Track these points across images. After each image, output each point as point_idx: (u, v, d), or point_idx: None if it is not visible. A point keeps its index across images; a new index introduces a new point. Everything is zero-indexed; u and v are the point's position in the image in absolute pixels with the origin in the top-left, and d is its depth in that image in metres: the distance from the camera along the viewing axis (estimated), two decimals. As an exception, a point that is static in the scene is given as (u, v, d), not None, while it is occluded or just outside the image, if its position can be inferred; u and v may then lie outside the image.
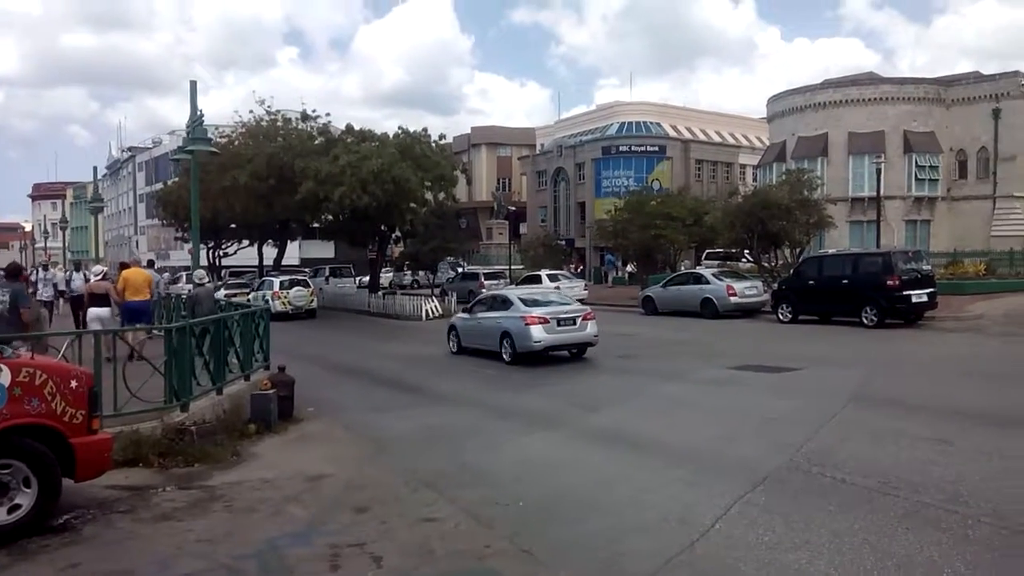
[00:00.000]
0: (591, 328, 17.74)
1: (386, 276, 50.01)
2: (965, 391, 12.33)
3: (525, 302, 18.12)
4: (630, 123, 66.61)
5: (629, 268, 47.36)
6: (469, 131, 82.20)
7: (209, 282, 17.48)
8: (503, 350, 17.81)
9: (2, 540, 6.35)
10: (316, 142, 35.56)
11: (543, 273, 35.77)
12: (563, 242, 57.77)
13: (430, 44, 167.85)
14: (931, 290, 21.98)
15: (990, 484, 7.13)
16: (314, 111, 37.87)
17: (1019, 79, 46.87)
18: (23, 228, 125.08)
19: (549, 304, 18.23)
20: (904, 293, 21.13)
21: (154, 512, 7.42)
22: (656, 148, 62.29)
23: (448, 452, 9.74)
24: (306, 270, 46.50)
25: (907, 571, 5.36)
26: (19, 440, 6.53)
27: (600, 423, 11.07)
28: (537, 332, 17.02)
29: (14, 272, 11.66)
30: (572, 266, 53.21)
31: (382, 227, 37.80)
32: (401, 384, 15.67)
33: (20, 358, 6.88)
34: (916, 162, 47.08)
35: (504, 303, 18.62)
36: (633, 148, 62.00)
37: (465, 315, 20.25)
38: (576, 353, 18.14)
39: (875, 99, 47.78)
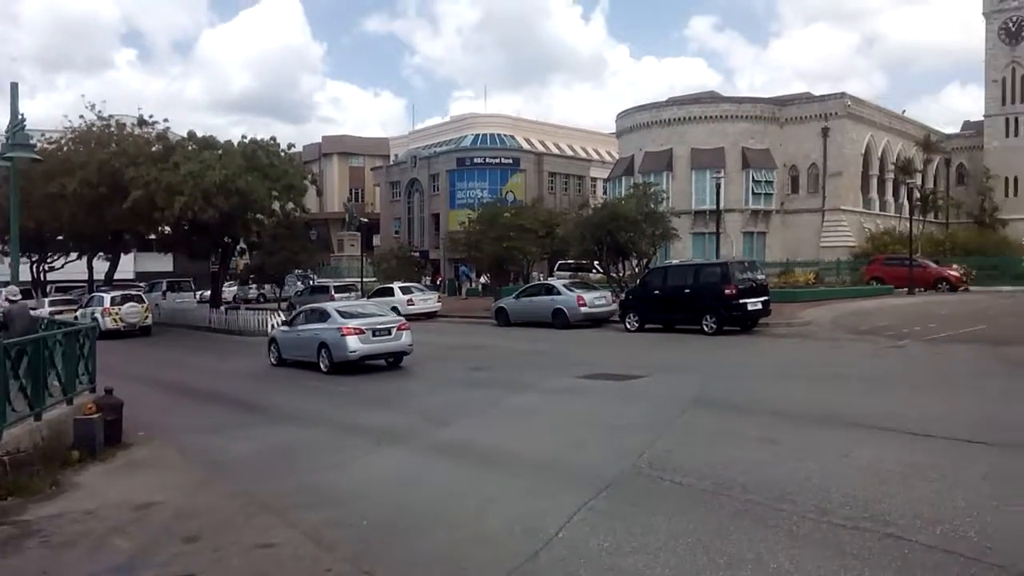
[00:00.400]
0: (406, 338, 18.57)
1: (230, 290, 48.13)
2: (794, 393, 13.08)
3: (342, 314, 18.76)
4: (485, 135, 67.29)
5: (483, 279, 47.65)
6: (320, 140, 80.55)
7: (24, 299, 16.20)
8: (321, 360, 18.38)
9: None
10: (154, 149, 33.76)
11: (396, 285, 35.43)
12: (417, 254, 57.50)
13: (280, 50, 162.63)
14: (765, 298, 23.23)
15: (814, 481, 7.52)
16: (151, 117, 36.04)
17: (845, 100, 50.68)
18: None
19: (366, 316, 18.94)
20: (740, 301, 22.22)
21: (-43, 553, 6.75)
22: (510, 160, 63.17)
23: (290, 473, 9.37)
24: (141, 284, 44.04)
25: (736, 569, 5.55)
26: None
27: (450, 436, 10.96)
28: (353, 342, 17.69)
29: None
30: (430, 278, 53.03)
31: (225, 239, 36.30)
32: (242, 403, 15.03)
33: None
34: (753, 177, 49.89)
35: (322, 315, 19.18)
36: (487, 160, 62.63)
37: (285, 328, 20.81)
38: (393, 362, 18.84)
39: (716, 117, 50.35)
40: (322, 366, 18.28)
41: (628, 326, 24.73)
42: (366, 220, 58.65)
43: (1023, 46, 60.53)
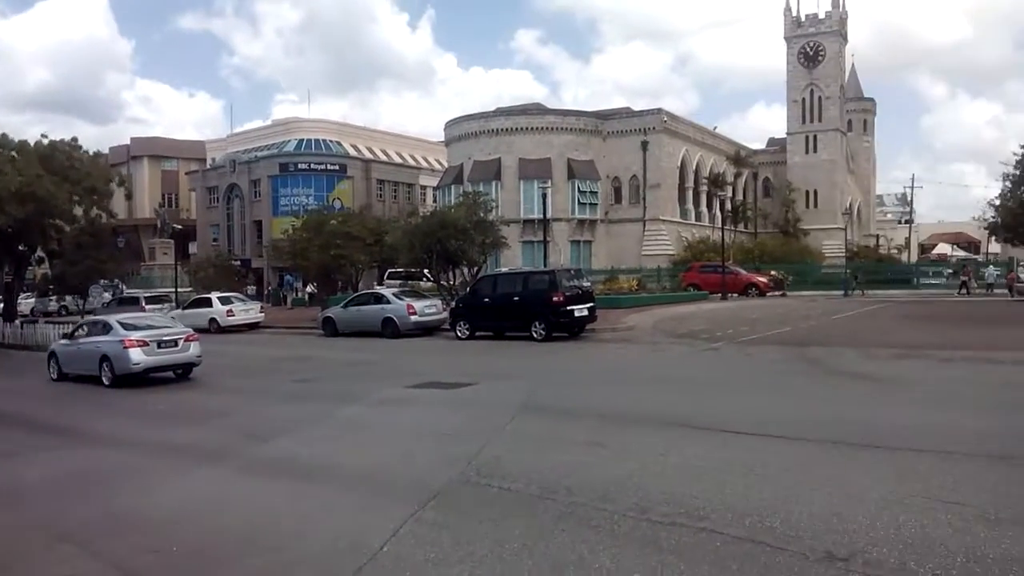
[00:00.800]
0: (194, 349, 18.51)
1: (27, 302, 44.30)
2: (618, 396, 13.50)
3: (125, 326, 18.52)
4: (309, 140, 65.60)
5: (309, 289, 46.43)
6: (129, 142, 75.77)
7: None
8: (103, 374, 17.97)
9: None
10: (-68, 148, 30.48)
11: (214, 296, 33.85)
12: (238, 262, 55.21)
13: (81, 44, 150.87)
14: (591, 305, 23.97)
15: (634, 480, 7.73)
16: None
17: (662, 116, 53.42)
18: None
19: (150, 328, 18.77)
20: (568, 308, 22.80)
21: None
22: (336, 167, 62.01)
23: (93, 499, 8.61)
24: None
25: (560, 571, 5.57)
26: None
27: (271, 453, 10.44)
28: (136, 355, 17.48)
29: None
30: (253, 287, 50.99)
31: (20, 246, 33.30)
32: (36, 423, 13.78)
33: None
34: (578, 187, 51.59)
35: (105, 328, 18.88)
36: (312, 166, 61.15)
37: (65, 341, 20.33)
38: (181, 374, 18.70)
39: (542, 128, 51.66)
40: (104, 379, 17.88)
41: (459, 334, 24.77)
42: (180, 227, 55.69)
43: (819, 69, 66.23)
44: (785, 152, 68.05)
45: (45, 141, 32.17)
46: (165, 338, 18.17)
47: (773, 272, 42.53)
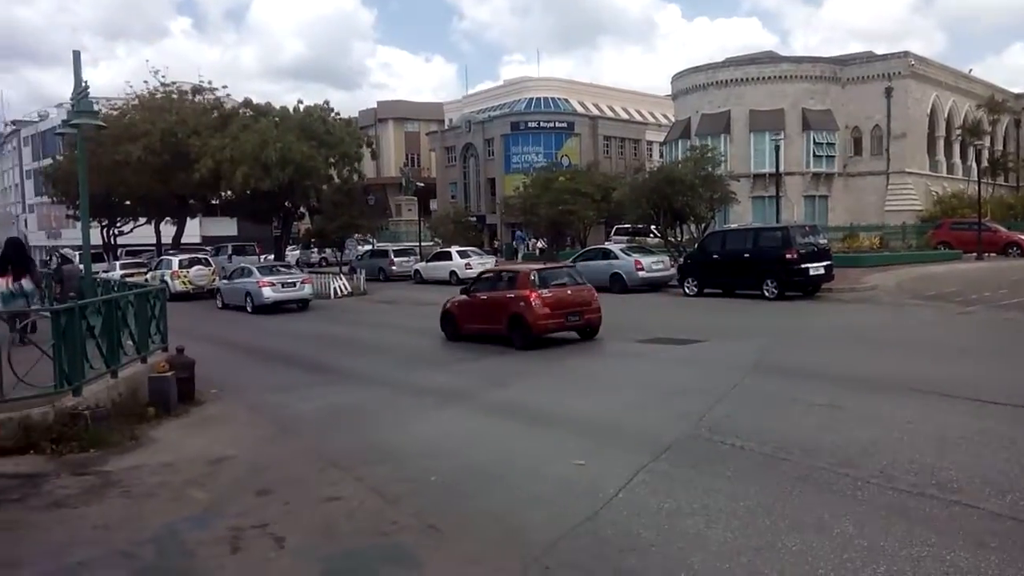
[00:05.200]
0: (308, 289, 26.08)
1: (292, 254, 48.96)
2: (858, 359, 12.85)
3: (261, 270, 26.17)
4: (538, 99, 66.60)
5: (539, 244, 47.59)
6: (375, 106, 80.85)
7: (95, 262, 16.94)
8: (247, 304, 25.31)
9: None
10: (212, 116, 34.51)
11: (454, 250, 35.72)
12: (474, 218, 57.62)
13: (330, 16, 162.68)
14: (828, 263, 22.75)
15: (878, 447, 7.44)
16: (210, 82, 36.92)
17: (909, 59, 48.82)
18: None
19: (279, 273, 26.49)
20: (802, 266, 21.82)
21: (46, 500, 7.13)
22: (564, 124, 62.53)
23: (355, 430, 9.63)
24: (207, 248, 45.09)
25: (798, 532, 5.53)
26: None
27: (509, 398, 11.09)
28: (268, 292, 24.74)
29: None
30: (488, 244, 53.11)
31: (286, 203, 36.99)
32: (306, 362, 15.40)
33: None
34: (814, 139, 48.54)
35: (248, 272, 26.34)
36: (542, 124, 62.04)
37: (225, 281, 28.00)
38: (300, 307, 25.77)
39: (774, 77, 48.96)
40: (248, 308, 25.06)
41: (687, 291, 24.52)
42: (422, 185, 58.78)
43: (1103, -1, 57.44)
44: (1054, 95, 59.88)
45: (301, 108, 35.38)
46: (287, 281, 25.53)
47: None
